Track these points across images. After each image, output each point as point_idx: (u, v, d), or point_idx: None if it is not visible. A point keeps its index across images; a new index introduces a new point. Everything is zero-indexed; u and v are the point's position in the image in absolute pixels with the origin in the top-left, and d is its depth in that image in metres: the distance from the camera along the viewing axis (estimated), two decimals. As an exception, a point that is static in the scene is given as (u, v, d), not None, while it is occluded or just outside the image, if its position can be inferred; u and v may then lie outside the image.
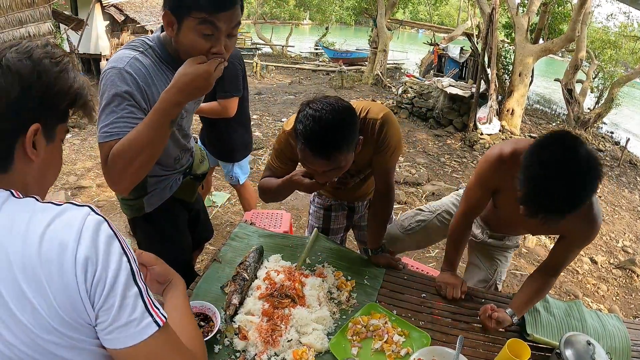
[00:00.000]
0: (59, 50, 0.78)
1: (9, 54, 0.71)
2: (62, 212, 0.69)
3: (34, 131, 0.71)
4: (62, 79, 0.75)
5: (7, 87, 0.69)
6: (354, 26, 31.51)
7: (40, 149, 0.74)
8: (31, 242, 0.65)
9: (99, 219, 0.70)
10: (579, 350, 1.20)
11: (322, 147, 1.27)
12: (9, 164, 0.72)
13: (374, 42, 13.28)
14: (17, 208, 0.69)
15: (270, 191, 1.60)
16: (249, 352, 1.27)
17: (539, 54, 8.25)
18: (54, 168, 0.83)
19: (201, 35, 1.17)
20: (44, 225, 0.66)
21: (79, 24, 8.84)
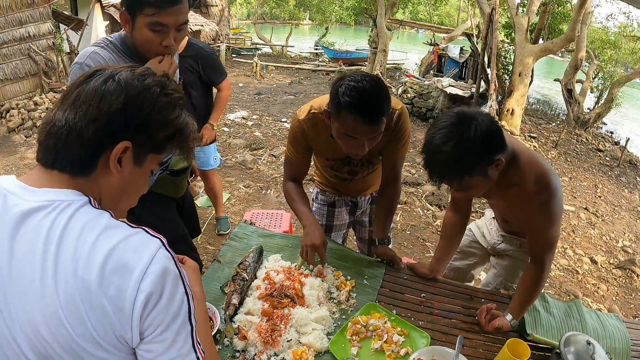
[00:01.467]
0: (173, 86, 0.80)
1: (125, 72, 0.75)
2: (134, 234, 0.71)
3: (122, 148, 0.73)
4: (165, 110, 0.76)
5: (111, 99, 0.71)
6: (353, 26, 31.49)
7: (125, 168, 0.76)
8: (97, 255, 0.66)
9: (169, 256, 0.72)
10: (579, 350, 1.20)
11: (373, 113, 1.34)
12: (91, 169, 0.74)
13: (374, 42, 13.27)
14: (90, 217, 0.71)
15: (291, 207, 1.75)
16: (248, 352, 1.27)
17: (539, 54, 8.24)
18: (133, 192, 0.83)
19: (152, 31, 1.32)
20: (114, 243, 0.68)
21: (79, 24, 8.84)
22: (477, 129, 1.20)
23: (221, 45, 14.62)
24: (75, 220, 0.69)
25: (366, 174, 1.83)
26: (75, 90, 0.73)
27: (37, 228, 0.68)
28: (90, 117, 0.70)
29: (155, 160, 0.80)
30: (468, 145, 1.20)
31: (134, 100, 0.72)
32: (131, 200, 0.85)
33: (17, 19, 6.95)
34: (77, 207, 0.71)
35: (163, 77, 0.79)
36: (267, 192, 4.80)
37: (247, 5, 34.70)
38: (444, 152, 1.21)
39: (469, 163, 1.23)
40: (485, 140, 1.21)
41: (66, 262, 0.66)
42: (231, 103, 9.19)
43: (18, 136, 5.96)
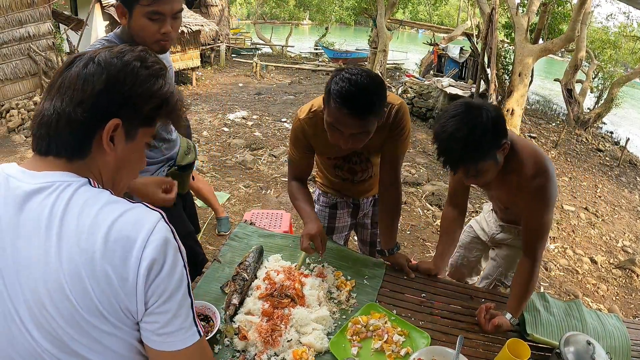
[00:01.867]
0: (153, 58, 0.81)
1: (104, 53, 0.77)
2: (134, 207, 0.74)
3: (113, 125, 0.74)
4: (148, 83, 0.77)
5: (93, 80, 0.73)
6: (353, 26, 31.49)
7: (119, 145, 0.77)
8: (100, 227, 0.69)
9: (169, 229, 0.74)
10: (579, 350, 1.20)
11: (359, 107, 1.31)
12: (87, 151, 0.76)
13: (374, 42, 13.27)
14: (90, 195, 0.73)
15: (294, 205, 1.76)
16: (249, 352, 1.27)
17: (539, 54, 8.24)
18: (130, 167, 0.85)
19: (150, 20, 1.38)
20: (115, 216, 0.71)
21: (79, 24, 8.83)
22: (487, 115, 1.28)
23: (221, 45, 14.62)
24: (76, 198, 0.72)
25: (366, 175, 1.82)
26: (59, 79, 0.75)
27: (40, 207, 0.70)
28: (76, 101, 0.72)
29: (147, 133, 0.82)
30: (482, 131, 1.27)
31: (115, 78, 0.74)
32: (131, 175, 0.87)
33: (17, 19, 6.95)
34: (77, 186, 0.73)
35: (142, 51, 0.80)
36: (267, 192, 4.80)
37: (247, 5, 34.70)
38: (460, 139, 1.27)
39: (486, 147, 1.30)
40: (495, 124, 1.30)
41: (69, 237, 0.69)
42: (231, 103, 9.20)
43: (18, 136, 5.96)
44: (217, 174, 5.12)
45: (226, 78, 12.62)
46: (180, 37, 10.82)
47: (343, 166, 1.78)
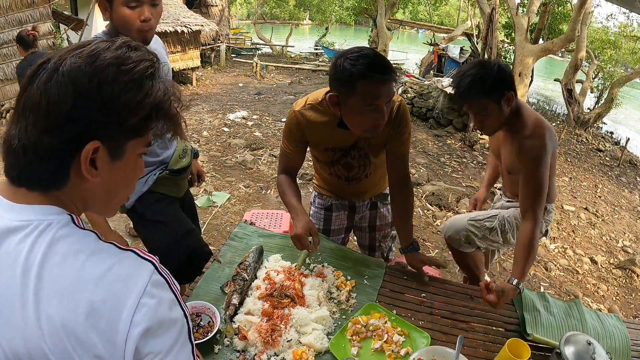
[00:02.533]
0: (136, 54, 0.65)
1: (71, 58, 0.61)
2: (123, 259, 0.64)
3: (91, 150, 0.62)
4: (128, 92, 0.63)
5: (58, 99, 0.60)
6: (353, 26, 31.48)
7: (103, 167, 0.65)
8: (84, 286, 0.60)
9: (163, 282, 0.66)
10: (579, 350, 1.20)
11: (387, 69, 1.36)
12: (64, 181, 0.65)
13: (374, 42, 13.29)
14: (74, 241, 0.63)
15: (282, 200, 1.74)
16: (248, 352, 1.27)
17: (539, 54, 8.24)
18: (124, 184, 0.73)
19: (128, 7, 1.41)
20: (102, 270, 0.61)
21: (79, 24, 8.83)
22: (496, 65, 1.61)
23: (221, 45, 14.62)
24: (57, 244, 0.62)
25: (362, 173, 1.79)
26: (23, 96, 0.63)
27: (15, 252, 0.61)
28: (41, 127, 0.60)
29: (139, 144, 0.69)
30: (489, 72, 1.57)
31: (86, 92, 0.60)
32: (128, 189, 0.76)
33: (17, 19, 6.95)
34: (57, 228, 0.63)
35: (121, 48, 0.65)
36: (267, 192, 4.80)
37: (247, 5, 34.72)
38: (470, 75, 1.58)
39: (490, 85, 1.57)
40: (502, 73, 1.59)
41: (49, 295, 0.59)
42: (231, 103, 9.20)
43: (18, 136, 5.96)
44: (217, 174, 5.12)
45: (226, 78, 12.62)
46: (180, 37, 10.83)
47: (340, 160, 1.74)
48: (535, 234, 1.56)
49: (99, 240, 0.65)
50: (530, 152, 1.61)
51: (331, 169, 1.80)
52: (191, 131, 6.74)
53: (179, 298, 0.68)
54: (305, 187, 5.05)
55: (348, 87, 1.37)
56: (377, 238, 2.04)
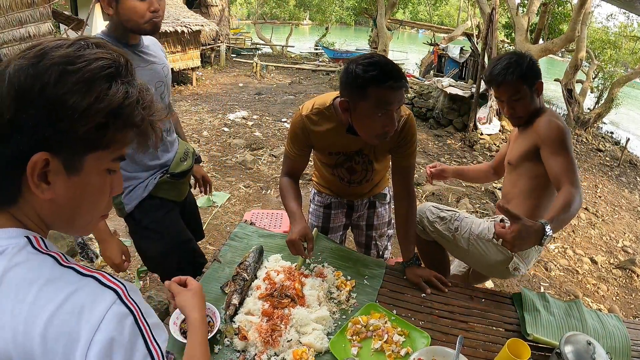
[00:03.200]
0: (92, 52, 0.58)
1: (17, 60, 0.56)
2: (80, 288, 0.57)
3: (39, 162, 0.56)
4: (75, 95, 0.55)
5: (1, 105, 0.54)
6: (354, 26, 31.50)
7: (57, 182, 0.58)
8: (37, 320, 0.54)
9: (123, 314, 0.57)
10: (579, 350, 1.20)
11: (398, 75, 1.37)
12: (15, 196, 0.59)
13: (374, 42, 13.28)
14: (29, 268, 0.57)
15: (283, 203, 1.75)
16: (248, 352, 1.27)
17: (539, 54, 8.24)
18: (88, 203, 0.64)
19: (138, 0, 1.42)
20: (56, 304, 0.55)
21: (79, 24, 8.83)
22: (530, 58, 1.68)
23: (221, 45, 14.62)
24: (9, 274, 0.56)
25: (363, 178, 1.80)
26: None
27: None
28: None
29: (103, 158, 0.61)
30: (524, 59, 1.66)
31: (28, 97, 0.54)
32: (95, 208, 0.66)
33: (17, 19, 6.95)
34: (12, 255, 0.57)
35: (72, 45, 0.58)
36: (267, 192, 4.81)
37: (247, 5, 34.72)
38: (506, 59, 1.67)
39: (525, 69, 1.64)
40: (533, 64, 1.67)
41: (4, 327, 0.54)
42: (231, 103, 9.20)
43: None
44: (217, 174, 5.12)
45: (226, 78, 12.62)
46: (181, 37, 10.83)
47: (344, 164, 1.76)
48: (575, 197, 1.42)
49: (56, 265, 0.58)
50: (555, 130, 1.58)
51: (334, 171, 1.82)
52: (191, 131, 6.75)
53: (145, 333, 0.59)
54: (305, 187, 5.06)
55: (359, 92, 1.38)
56: (373, 237, 2.06)
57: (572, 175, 1.51)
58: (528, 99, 1.67)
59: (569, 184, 1.48)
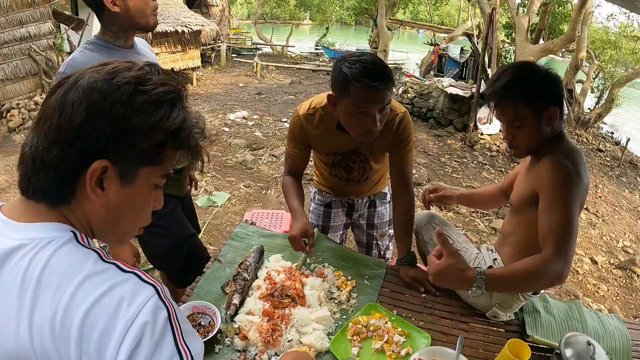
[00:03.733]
0: (157, 78, 0.64)
1: (90, 74, 0.62)
2: (122, 282, 0.59)
3: (99, 168, 0.60)
4: (142, 113, 0.61)
5: (72, 112, 0.59)
6: (354, 26, 31.50)
7: (111, 190, 0.63)
8: (76, 309, 0.56)
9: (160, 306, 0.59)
10: (579, 350, 1.20)
11: (381, 77, 1.35)
12: (69, 197, 0.63)
13: (374, 42, 13.29)
14: (73, 259, 0.60)
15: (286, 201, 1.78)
16: (249, 352, 1.27)
17: (540, 54, 8.25)
18: (133, 214, 0.69)
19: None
20: (97, 295, 0.57)
21: (80, 24, 8.84)
22: (546, 72, 1.33)
23: (222, 45, 14.62)
24: (55, 263, 0.59)
25: (362, 176, 1.81)
26: (43, 106, 0.63)
27: (14, 271, 0.59)
28: (51, 138, 0.60)
29: (154, 173, 0.67)
30: (534, 75, 1.32)
31: (98, 109, 0.59)
32: (138, 220, 0.72)
33: (17, 19, 6.96)
34: (58, 245, 0.60)
35: (142, 70, 0.64)
36: (268, 192, 4.81)
37: (248, 5, 34.71)
38: (510, 72, 1.32)
39: (531, 88, 1.29)
40: (550, 81, 1.32)
41: (43, 315, 0.57)
42: (232, 103, 9.20)
43: (18, 136, 5.96)
44: (217, 174, 5.12)
45: (227, 78, 12.63)
46: (181, 37, 10.83)
47: (341, 163, 1.78)
48: (547, 270, 1.19)
49: (99, 261, 0.61)
50: (557, 178, 1.24)
51: (332, 170, 1.83)
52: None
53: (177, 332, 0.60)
54: (306, 187, 5.06)
55: (342, 89, 1.39)
56: (374, 236, 2.06)
57: (560, 241, 1.20)
58: (532, 128, 1.31)
59: (551, 251, 1.21)
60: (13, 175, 4.90)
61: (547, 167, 1.28)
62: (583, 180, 1.26)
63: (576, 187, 1.24)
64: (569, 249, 1.21)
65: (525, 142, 1.36)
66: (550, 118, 1.30)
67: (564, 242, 1.20)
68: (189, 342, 0.62)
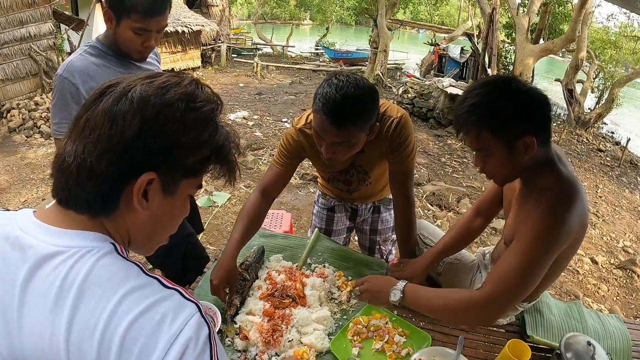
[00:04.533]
0: (204, 95, 0.65)
1: (141, 86, 0.62)
2: (165, 299, 0.60)
3: (146, 181, 0.61)
4: (193, 130, 0.62)
5: (124, 124, 0.59)
6: (354, 26, 31.50)
7: (154, 201, 0.64)
8: (119, 322, 0.56)
9: (202, 324, 0.60)
10: (580, 350, 1.20)
11: (338, 114, 1.24)
12: (113, 208, 0.63)
13: (375, 42, 13.28)
14: (116, 270, 0.60)
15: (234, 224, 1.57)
16: (249, 352, 1.27)
17: (540, 54, 8.25)
18: (170, 223, 0.72)
19: (135, 34, 1.43)
20: (141, 309, 0.57)
21: (80, 24, 8.84)
22: (521, 89, 1.09)
23: (222, 45, 14.62)
24: (97, 273, 0.59)
25: (363, 185, 1.77)
26: (84, 115, 0.62)
27: (51, 277, 0.59)
28: (100, 148, 0.59)
29: (192, 184, 0.68)
30: (501, 99, 1.08)
31: (152, 123, 0.60)
32: (170, 229, 0.74)
33: (17, 19, 6.96)
34: (100, 255, 0.61)
35: (190, 85, 0.65)
36: (268, 192, 4.80)
37: (248, 5, 34.71)
38: (476, 95, 1.10)
39: (497, 114, 1.07)
40: (523, 103, 1.07)
41: (82, 323, 0.57)
42: (232, 103, 9.21)
43: (19, 136, 5.96)
44: (217, 174, 5.12)
45: (227, 78, 12.63)
46: (181, 37, 10.84)
47: (339, 177, 1.74)
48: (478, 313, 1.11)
49: (141, 274, 0.62)
50: (544, 223, 1.07)
51: (331, 182, 1.81)
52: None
53: (214, 351, 0.61)
54: (306, 187, 5.06)
55: (313, 102, 1.32)
56: (377, 241, 2.04)
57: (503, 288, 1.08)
58: (501, 158, 1.12)
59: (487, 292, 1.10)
60: (13, 175, 4.90)
61: (534, 212, 1.10)
62: (567, 221, 1.07)
63: (554, 238, 1.07)
64: (509, 299, 1.09)
65: (497, 172, 1.19)
66: (526, 148, 1.08)
67: (506, 290, 1.08)
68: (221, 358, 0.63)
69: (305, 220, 4.23)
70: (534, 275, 1.08)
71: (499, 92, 1.10)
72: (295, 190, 4.94)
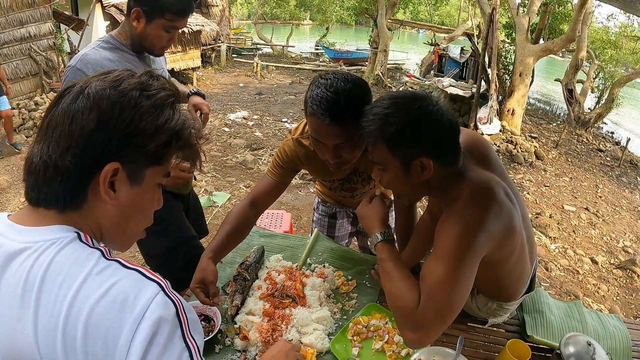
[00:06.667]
0: (158, 83, 0.68)
1: (96, 83, 0.65)
2: (123, 278, 0.60)
3: (111, 171, 0.63)
4: (151, 115, 0.65)
5: (82, 118, 0.62)
6: (354, 26, 31.50)
7: (121, 191, 0.66)
8: (82, 307, 0.57)
9: (168, 303, 0.61)
10: (580, 350, 1.20)
11: (335, 111, 1.16)
12: (81, 202, 0.65)
13: (375, 42, 13.28)
14: (76, 258, 0.61)
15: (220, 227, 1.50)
16: (249, 352, 1.27)
17: (540, 54, 8.24)
18: (141, 214, 0.72)
19: (166, 31, 1.53)
20: (100, 293, 0.58)
21: (80, 25, 8.85)
22: (421, 108, 1.03)
23: (222, 45, 14.62)
24: (58, 263, 0.60)
25: (368, 188, 1.73)
26: (48, 116, 0.64)
27: (18, 273, 0.60)
28: (63, 146, 0.61)
29: (158, 172, 0.70)
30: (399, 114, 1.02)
31: (109, 114, 0.62)
32: (143, 221, 0.75)
33: (17, 19, 6.96)
34: (61, 246, 0.62)
35: (143, 77, 0.68)
36: (268, 192, 4.80)
37: (248, 6, 34.73)
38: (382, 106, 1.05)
39: (394, 132, 1.02)
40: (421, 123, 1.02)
41: (46, 315, 0.58)
42: (232, 103, 9.21)
43: (19, 136, 5.96)
44: (217, 174, 5.13)
45: (227, 78, 12.63)
46: (181, 37, 10.83)
47: (342, 186, 1.70)
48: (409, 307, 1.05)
49: (101, 258, 0.63)
50: (452, 224, 1.05)
51: (333, 190, 1.77)
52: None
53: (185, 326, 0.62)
54: (306, 187, 5.06)
55: (305, 109, 1.26)
56: None
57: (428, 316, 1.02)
58: (396, 176, 1.09)
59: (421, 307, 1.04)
60: (13, 175, 4.90)
61: (445, 222, 1.08)
62: (487, 230, 1.03)
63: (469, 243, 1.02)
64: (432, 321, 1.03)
65: (394, 188, 1.18)
66: (422, 169, 1.05)
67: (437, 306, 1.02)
68: (194, 331, 0.64)
69: (306, 220, 4.23)
70: (458, 293, 1.02)
71: (401, 109, 1.04)
72: (295, 190, 4.94)
